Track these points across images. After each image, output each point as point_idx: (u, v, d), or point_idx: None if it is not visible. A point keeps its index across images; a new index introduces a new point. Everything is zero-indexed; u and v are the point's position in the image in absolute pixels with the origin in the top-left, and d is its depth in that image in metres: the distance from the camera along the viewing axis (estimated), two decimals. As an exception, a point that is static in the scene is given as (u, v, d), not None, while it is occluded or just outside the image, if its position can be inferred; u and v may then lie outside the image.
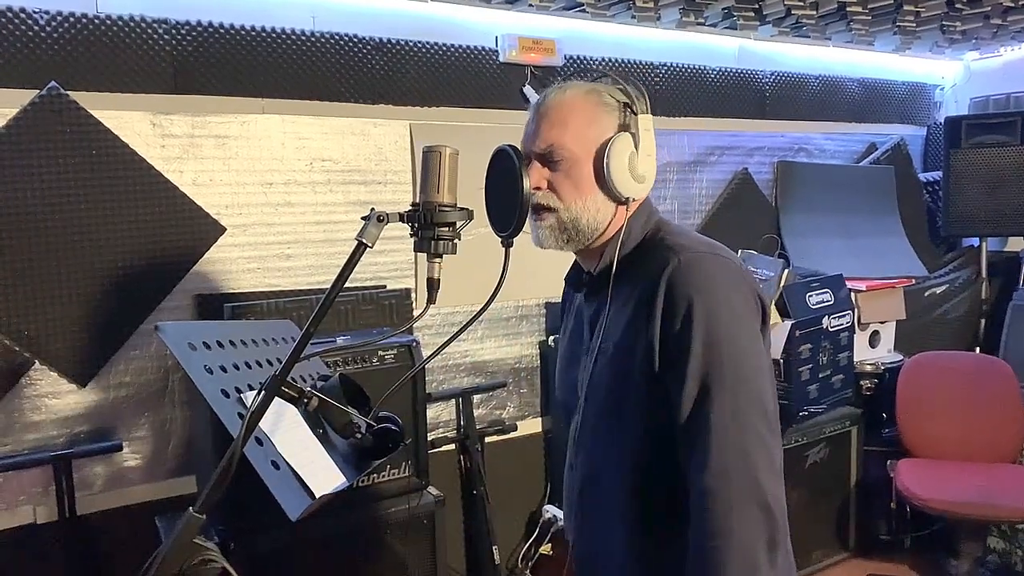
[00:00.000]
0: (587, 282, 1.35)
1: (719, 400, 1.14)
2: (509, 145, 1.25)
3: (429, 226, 1.16)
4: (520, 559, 3.07)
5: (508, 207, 1.24)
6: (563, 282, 1.46)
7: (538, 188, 1.26)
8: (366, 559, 2.27)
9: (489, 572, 2.87)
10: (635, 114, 1.26)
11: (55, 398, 2.26)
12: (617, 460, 1.27)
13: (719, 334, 1.15)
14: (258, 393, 1.12)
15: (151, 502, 2.38)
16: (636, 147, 1.24)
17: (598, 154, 1.24)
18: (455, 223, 1.17)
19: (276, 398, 1.16)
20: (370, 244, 1.12)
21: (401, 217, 1.16)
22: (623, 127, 1.25)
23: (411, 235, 1.18)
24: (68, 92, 2.19)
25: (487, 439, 3.00)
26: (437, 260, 1.18)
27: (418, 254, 1.19)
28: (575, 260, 1.40)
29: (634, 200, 1.27)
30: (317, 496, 1.25)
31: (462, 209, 1.17)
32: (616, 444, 1.27)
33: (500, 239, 1.26)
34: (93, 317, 2.27)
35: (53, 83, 2.17)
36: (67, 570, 2.24)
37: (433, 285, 1.18)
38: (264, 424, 1.20)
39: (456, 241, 1.18)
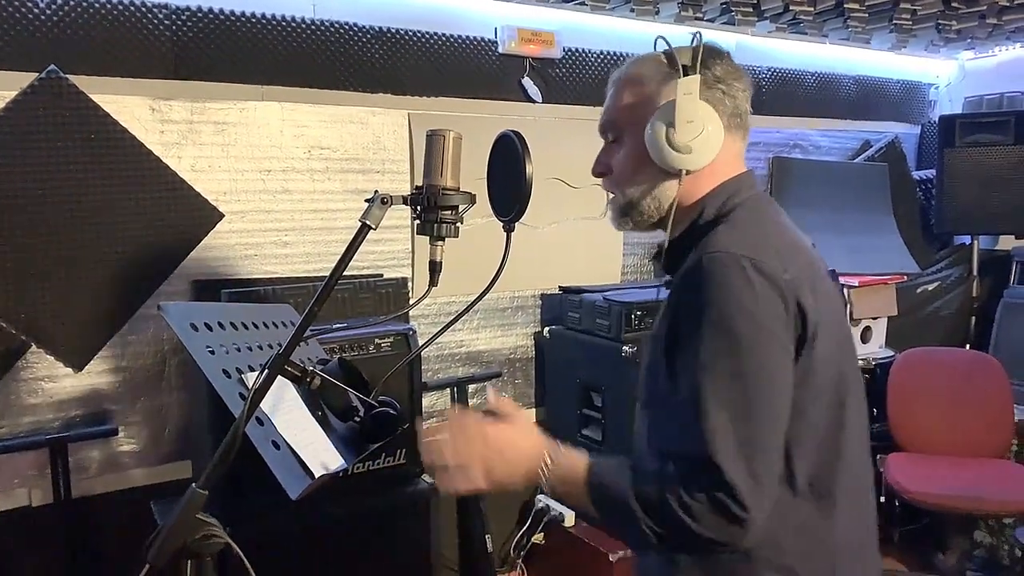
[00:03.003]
0: (657, 257, 1.29)
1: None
2: (512, 131, 1.25)
3: (432, 209, 1.17)
4: (513, 548, 3.09)
5: (510, 191, 1.23)
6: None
7: (600, 174, 1.29)
8: (359, 545, 2.28)
9: (482, 560, 2.88)
10: (683, 76, 1.16)
11: (51, 381, 2.26)
12: (645, 450, 1.21)
13: (715, 323, 1.05)
14: (262, 371, 1.13)
15: (146, 486, 2.40)
16: (673, 115, 1.15)
17: (643, 126, 1.20)
18: (458, 207, 1.18)
19: (278, 379, 1.17)
20: (374, 226, 1.14)
21: (405, 200, 1.17)
22: (665, 95, 1.20)
23: (414, 218, 1.19)
24: (68, 76, 2.19)
25: (481, 429, 3.01)
26: (439, 243, 1.19)
27: (415, 244, 1.20)
28: None
29: (690, 172, 1.18)
30: (316, 476, 1.26)
31: (465, 193, 1.19)
32: (644, 435, 1.22)
33: (502, 224, 1.25)
34: (90, 301, 2.27)
35: (53, 66, 2.17)
36: (62, 553, 2.24)
37: (435, 268, 1.19)
38: (264, 405, 1.21)
39: (458, 225, 1.19)
